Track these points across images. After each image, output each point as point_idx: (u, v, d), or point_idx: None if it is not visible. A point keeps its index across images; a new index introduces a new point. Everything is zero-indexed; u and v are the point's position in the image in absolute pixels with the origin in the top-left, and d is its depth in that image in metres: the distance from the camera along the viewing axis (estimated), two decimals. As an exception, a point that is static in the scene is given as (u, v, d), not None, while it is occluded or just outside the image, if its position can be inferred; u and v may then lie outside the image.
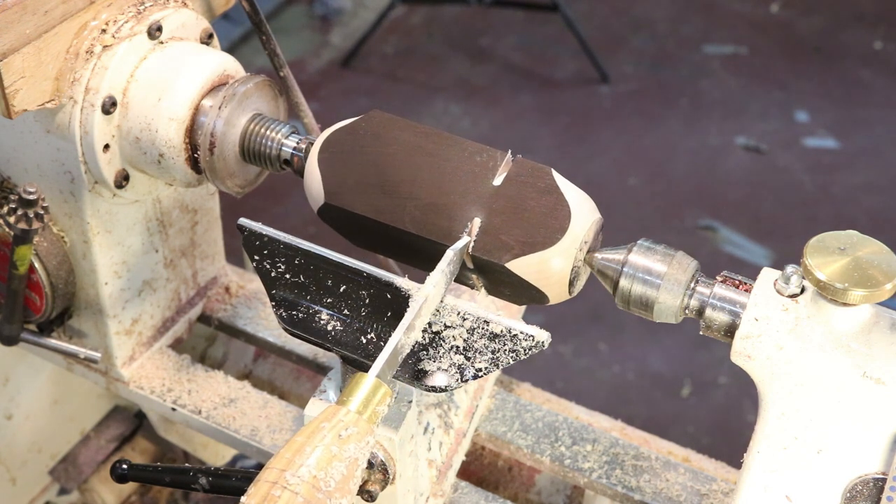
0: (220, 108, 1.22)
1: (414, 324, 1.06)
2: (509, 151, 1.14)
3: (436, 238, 1.11)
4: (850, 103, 4.41)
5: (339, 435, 0.93)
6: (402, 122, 1.17)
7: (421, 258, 1.15)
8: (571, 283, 1.11)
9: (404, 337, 1.04)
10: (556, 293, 1.11)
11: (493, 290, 1.16)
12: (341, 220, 1.16)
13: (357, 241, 1.20)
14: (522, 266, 1.08)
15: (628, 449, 1.39)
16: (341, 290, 1.13)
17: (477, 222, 1.10)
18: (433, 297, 1.08)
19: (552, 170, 1.12)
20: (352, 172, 1.15)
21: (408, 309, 1.06)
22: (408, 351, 1.06)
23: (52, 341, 1.45)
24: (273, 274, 1.15)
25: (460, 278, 1.16)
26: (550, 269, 1.09)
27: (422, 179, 1.13)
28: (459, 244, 1.10)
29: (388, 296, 1.11)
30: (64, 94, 1.22)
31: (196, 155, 1.24)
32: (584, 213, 1.11)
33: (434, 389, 1.07)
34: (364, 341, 1.11)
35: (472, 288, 1.17)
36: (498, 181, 1.12)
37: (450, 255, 1.09)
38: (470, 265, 1.12)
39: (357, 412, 0.96)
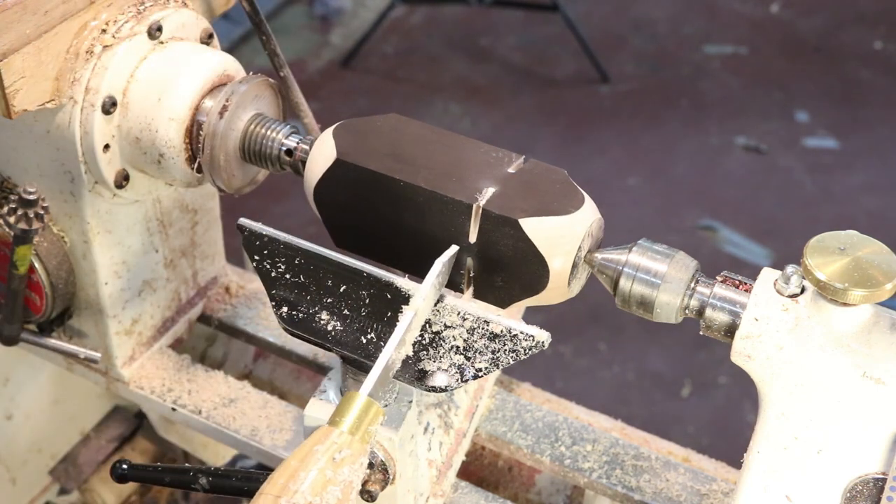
0: (220, 107, 1.22)
1: (405, 338, 1.06)
2: (524, 156, 1.15)
3: (450, 194, 1.10)
4: (850, 103, 4.41)
5: (332, 458, 0.92)
6: (418, 123, 1.20)
7: (418, 253, 1.15)
8: (572, 273, 1.11)
9: (395, 353, 1.04)
10: (558, 270, 1.10)
11: (485, 282, 1.14)
12: (347, 187, 1.15)
13: (349, 238, 1.20)
14: (535, 226, 1.08)
15: (628, 449, 1.39)
16: (341, 290, 1.13)
17: (490, 190, 1.11)
18: (422, 310, 1.08)
19: (565, 171, 1.14)
20: (367, 143, 1.16)
21: (397, 324, 1.06)
22: (398, 367, 1.06)
23: (52, 341, 1.45)
24: (273, 274, 1.15)
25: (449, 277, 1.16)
26: (562, 236, 1.08)
27: (436, 160, 1.15)
28: (448, 254, 1.10)
29: (388, 296, 1.11)
30: (64, 94, 1.22)
31: (196, 154, 1.24)
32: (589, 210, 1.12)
33: (434, 389, 1.07)
34: (364, 341, 1.11)
35: (458, 289, 1.16)
36: (512, 171, 1.13)
37: (438, 266, 1.09)
38: (473, 237, 1.11)
39: (350, 433, 0.95)
